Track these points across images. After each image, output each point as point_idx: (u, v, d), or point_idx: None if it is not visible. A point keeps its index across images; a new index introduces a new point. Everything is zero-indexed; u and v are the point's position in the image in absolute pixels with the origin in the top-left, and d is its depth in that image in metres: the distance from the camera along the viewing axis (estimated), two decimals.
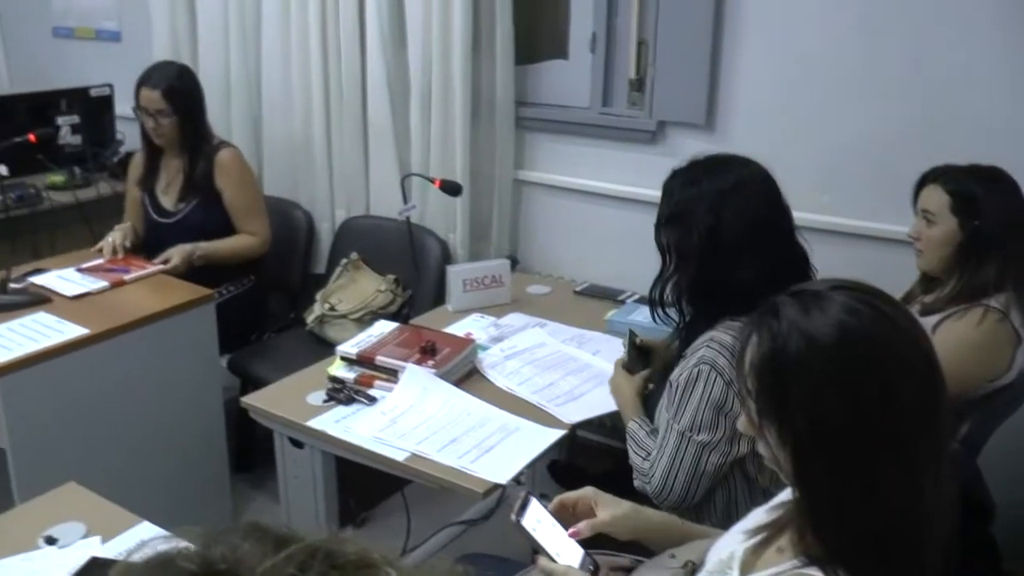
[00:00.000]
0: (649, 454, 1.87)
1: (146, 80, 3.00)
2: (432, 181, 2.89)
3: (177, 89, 3.00)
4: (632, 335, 2.13)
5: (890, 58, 2.55)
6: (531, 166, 3.24)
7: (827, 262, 1.88)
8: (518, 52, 3.10)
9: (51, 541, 1.62)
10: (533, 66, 3.21)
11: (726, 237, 1.76)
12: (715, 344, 1.77)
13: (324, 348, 2.94)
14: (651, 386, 2.04)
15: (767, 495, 1.80)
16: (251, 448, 3.22)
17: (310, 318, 3.05)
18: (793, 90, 2.71)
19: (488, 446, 1.96)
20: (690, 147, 2.64)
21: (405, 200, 2.91)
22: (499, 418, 2.07)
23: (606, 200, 3.10)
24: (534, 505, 1.47)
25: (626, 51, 2.97)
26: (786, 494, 1.29)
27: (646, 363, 2.09)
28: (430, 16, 3.06)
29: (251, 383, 3.06)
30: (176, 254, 2.92)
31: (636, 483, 1.88)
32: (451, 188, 2.88)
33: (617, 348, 2.24)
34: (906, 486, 1.09)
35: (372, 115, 3.32)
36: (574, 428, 2.09)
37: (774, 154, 1.91)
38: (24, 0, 4.98)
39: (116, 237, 2.99)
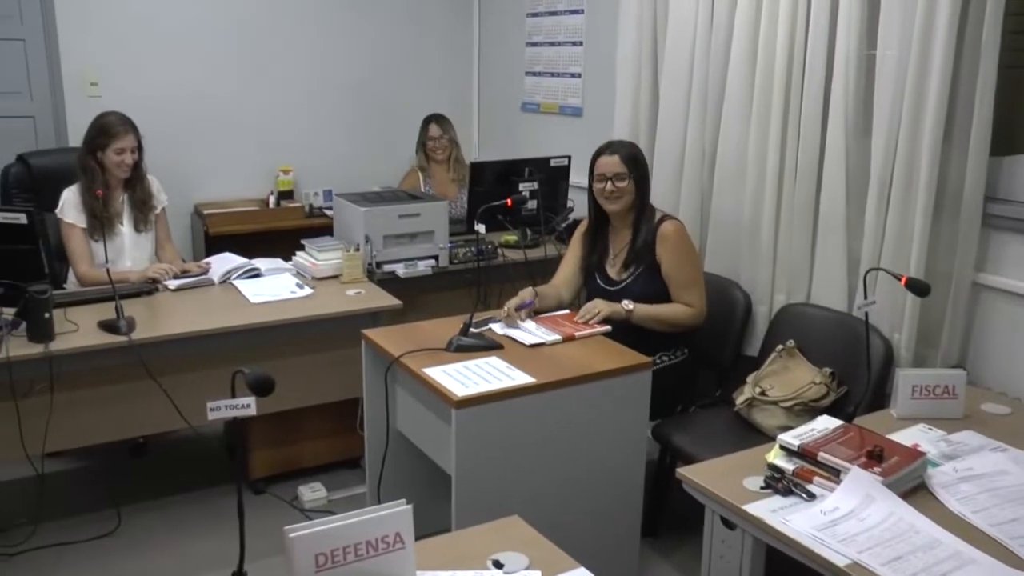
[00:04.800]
0: None
1: (605, 149, 3.28)
2: (898, 278, 2.72)
3: (635, 156, 3.26)
4: None
5: None
6: (995, 269, 2.94)
7: None
8: (994, 142, 2.84)
9: (498, 565, 1.74)
10: (1009, 158, 2.93)
11: None
12: None
13: (749, 431, 2.93)
14: None
15: None
16: (659, 514, 3.25)
17: (739, 399, 3.03)
18: None
19: (939, 572, 1.79)
20: None
21: (866, 295, 2.77)
22: (951, 544, 1.88)
23: None
24: None
25: None
26: None
27: None
28: (900, 102, 2.93)
29: (671, 452, 3.10)
30: (606, 306, 3.11)
31: None
32: (918, 287, 2.69)
33: None
34: None
35: (825, 201, 3.24)
36: None
37: None
38: (501, 79, 5.63)
39: (512, 303, 3.12)
